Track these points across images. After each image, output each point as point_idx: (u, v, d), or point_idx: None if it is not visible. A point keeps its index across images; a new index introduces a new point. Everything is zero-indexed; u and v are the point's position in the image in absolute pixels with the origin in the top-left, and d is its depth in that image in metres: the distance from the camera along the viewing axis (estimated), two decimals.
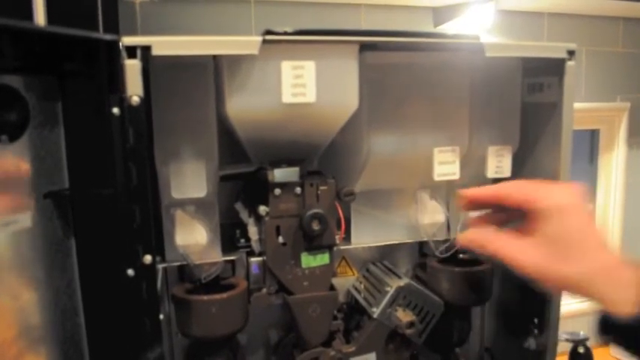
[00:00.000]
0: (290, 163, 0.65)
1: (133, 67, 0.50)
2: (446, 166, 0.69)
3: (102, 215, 0.54)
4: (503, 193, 0.53)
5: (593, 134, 1.51)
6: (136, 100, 0.50)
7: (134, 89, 0.50)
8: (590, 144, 1.53)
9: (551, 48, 0.64)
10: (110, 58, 0.50)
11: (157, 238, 0.64)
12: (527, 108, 0.72)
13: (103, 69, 0.49)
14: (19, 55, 0.46)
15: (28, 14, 0.52)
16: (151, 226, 0.53)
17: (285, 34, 0.54)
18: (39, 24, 0.53)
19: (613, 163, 1.50)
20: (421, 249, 0.80)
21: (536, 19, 1.34)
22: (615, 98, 1.47)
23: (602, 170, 1.52)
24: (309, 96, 0.57)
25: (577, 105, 0.67)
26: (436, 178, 0.69)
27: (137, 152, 0.51)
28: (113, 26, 0.66)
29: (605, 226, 1.57)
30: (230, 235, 0.71)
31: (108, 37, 0.49)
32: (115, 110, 0.49)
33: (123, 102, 0.50)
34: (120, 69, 0.50)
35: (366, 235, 0.74)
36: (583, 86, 1.40)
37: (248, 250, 0.69)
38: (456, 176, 0.69)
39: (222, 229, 0.68)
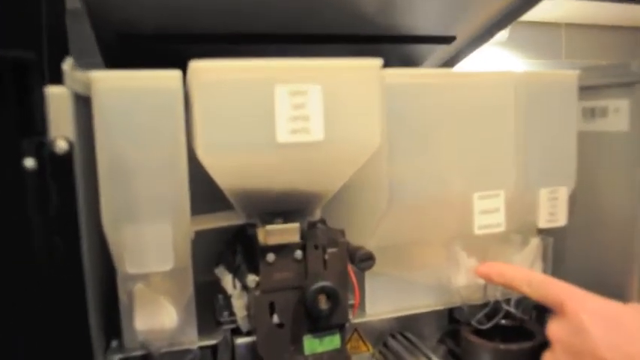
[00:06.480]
0: (287, 217, 0.49)
1: (59, 98, 0.34)
2: (488, 215, 0.53)
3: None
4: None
5: None
6: (62, 146, 0.34)
7: (60, 129, 0.34)
8: None
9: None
10: (24, 84, 0.34)
11: (113, 318, 0.49)
12: (585, 139, 0.57)
13: (9, 100, 0.33)
14: None
15: None
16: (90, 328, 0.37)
17: None
18: None
19: None
20: (451, 313, 0.64)
21: (553, 30, 1.22)
22: None
23: None
24: (315, 133, 0.41)
25: None
26: (477, 231, 0.53)
27: (65, 221, 0.34)
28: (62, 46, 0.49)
29: None
30: (210, 303, 0.55)
31: (19, 53, 0.33)
32: (30, 162, 0.33)
33: (42, 149, 0.33)
34: (39, 100, 0.34)
35: (385, 302, 0.58)
36: None
37: (233, 326, 0.53)
38: (502, 228, 0.54)
39: (198, 292, 0.51)
